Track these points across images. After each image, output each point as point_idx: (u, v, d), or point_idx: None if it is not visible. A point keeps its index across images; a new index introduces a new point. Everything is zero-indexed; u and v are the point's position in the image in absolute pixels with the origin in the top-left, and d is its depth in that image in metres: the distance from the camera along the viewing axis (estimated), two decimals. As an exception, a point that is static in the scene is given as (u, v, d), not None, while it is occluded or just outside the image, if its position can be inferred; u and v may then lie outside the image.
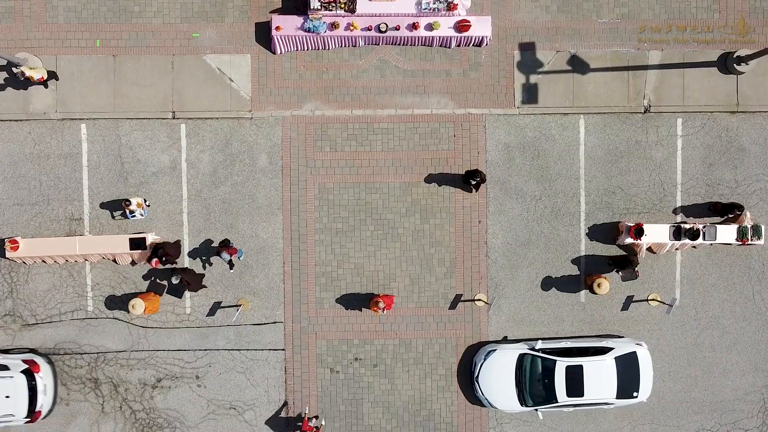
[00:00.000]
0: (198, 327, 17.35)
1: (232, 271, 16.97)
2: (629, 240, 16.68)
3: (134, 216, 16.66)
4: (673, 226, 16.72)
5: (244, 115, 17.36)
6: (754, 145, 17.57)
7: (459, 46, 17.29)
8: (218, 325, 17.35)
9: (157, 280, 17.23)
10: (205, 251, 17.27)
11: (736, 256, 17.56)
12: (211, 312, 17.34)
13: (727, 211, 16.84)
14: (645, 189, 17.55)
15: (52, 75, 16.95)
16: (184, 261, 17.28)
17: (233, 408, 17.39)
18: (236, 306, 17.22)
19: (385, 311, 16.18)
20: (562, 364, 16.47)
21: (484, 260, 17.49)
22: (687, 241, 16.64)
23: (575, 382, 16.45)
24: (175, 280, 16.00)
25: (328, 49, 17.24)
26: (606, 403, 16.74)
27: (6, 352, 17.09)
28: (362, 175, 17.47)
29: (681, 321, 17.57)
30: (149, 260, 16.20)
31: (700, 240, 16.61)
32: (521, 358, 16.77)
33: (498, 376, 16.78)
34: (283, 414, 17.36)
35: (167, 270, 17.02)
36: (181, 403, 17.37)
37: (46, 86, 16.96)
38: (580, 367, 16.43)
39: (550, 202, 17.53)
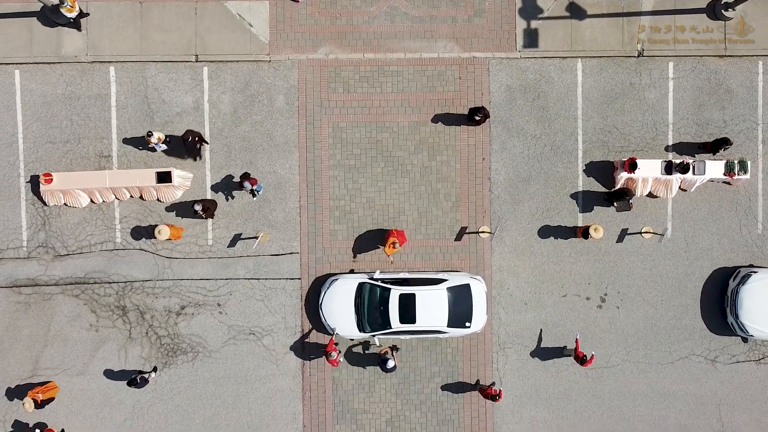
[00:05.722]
0: (219, 257, 18.49)
1: (255, 198, 17.97)
2: (624, 174, 17.79)
3: (155, 149, 17.73)
4: (665, 161, 17.84)
5: (263, 59, 18.49)
6: (740, 87, 18.69)
7: (464, -10, 18.44)
8: (238, 256, 18.50)
9: (180, 216, 18.42)
10: (227, 186, 18.41)
11: (724, 191, 18.68)
12: (232, 243, 18.48)
13: (718, 147, 17.91)
14: (639, 128, 18.67)
15: (83, 15, 18.02)
16: (207, 194, 18.45)
17: (252, 333, 18.53)
18: (255, 237, 18.36)
19: (400, 246, 17.22)
20: (396, 292, 17.32)
21: (487, 195, 18.62)
22: (678, 176, 17.77)
23: (408, 309, 17.28)
24: (197, 207, 17.14)
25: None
26: (439, 331, 17.55)
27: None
28: (373, 115, 18.60)
29: (672, 252, 18.69)
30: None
31: (690, 174, 17.74)
32: (360, 286, 17.64)
33: (339, 304, 17.63)
34: (309, 339, 18.49)
35: (190, 201, 18.22)
36: (203, 329, 18.52)
37: (78, 29, 18.09)
38: (412, 296, 17.28)
39: (550, 140, 18.66)
